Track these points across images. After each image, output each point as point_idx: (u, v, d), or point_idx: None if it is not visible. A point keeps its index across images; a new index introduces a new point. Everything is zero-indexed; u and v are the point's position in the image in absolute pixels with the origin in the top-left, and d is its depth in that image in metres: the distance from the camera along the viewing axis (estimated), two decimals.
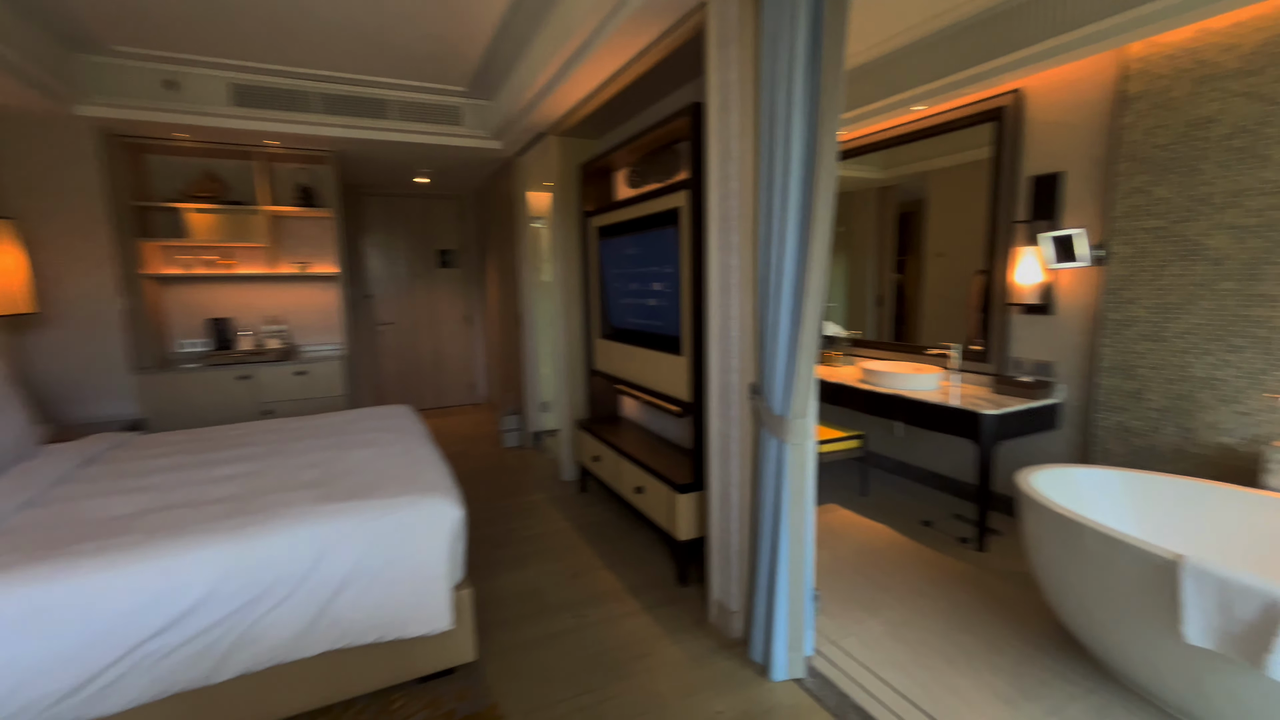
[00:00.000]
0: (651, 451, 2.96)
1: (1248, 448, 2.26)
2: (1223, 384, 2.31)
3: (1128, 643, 1.76)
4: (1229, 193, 2.25)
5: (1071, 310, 2.82)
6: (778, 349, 1.82)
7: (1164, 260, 2.45)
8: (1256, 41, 2.14)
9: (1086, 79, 2.66)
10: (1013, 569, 2.61)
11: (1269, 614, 1.40)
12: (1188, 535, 2.14)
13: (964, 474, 3.40)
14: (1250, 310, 2.22)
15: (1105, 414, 2.69)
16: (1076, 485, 2.28)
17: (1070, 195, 2.77)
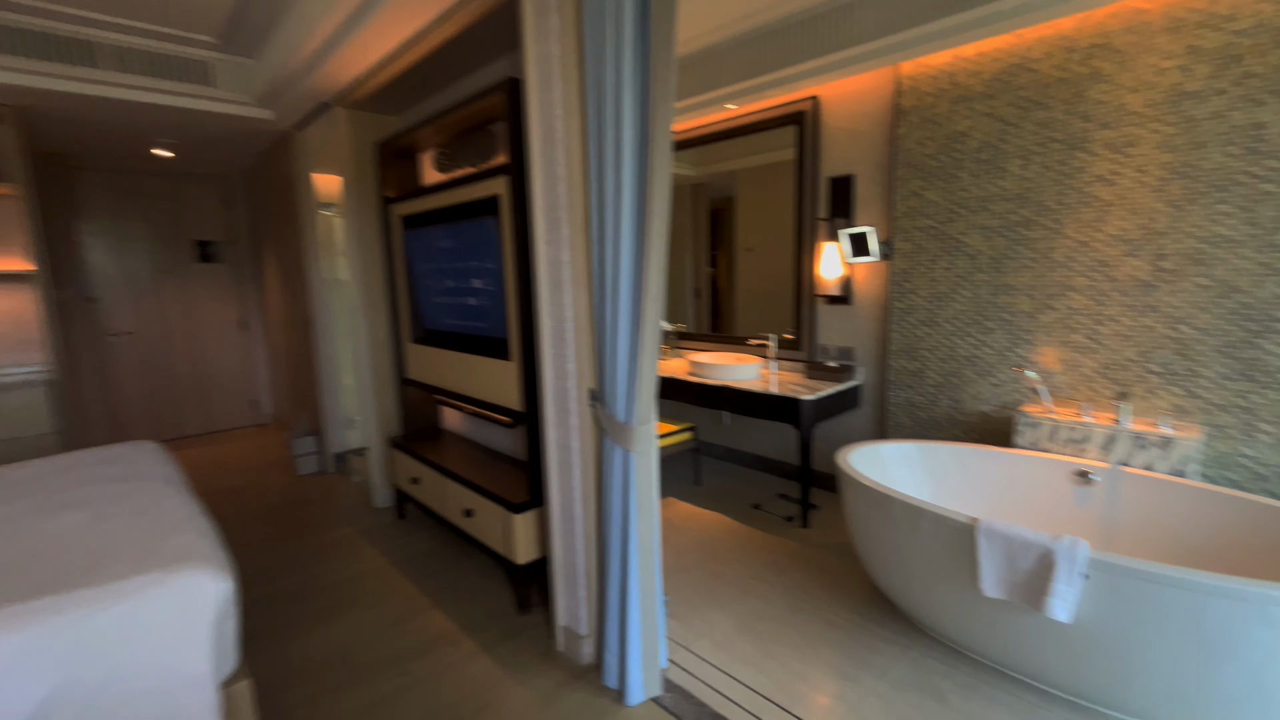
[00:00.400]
0: (481, 468, 2.66)
1: (1001, 413, 2.69)
2: (980, 360, 2.72)
3: (936, 600, 1.96)
4: (979, 198, 2.63)
5: (866, 300, 3.13)
6: (618, 351, 1.68)
7: (935, 255, 2.81)
8: (994, 70, 2.52)
9: (870, 92, 2.95)
10: (833, 541, 2.83)
11: (1044, 562, 1.62)
12: (968, 492, 2.48)
13: (785, 455, 3.64)
14: (998, 298, 2.64)
15: (896, 392, 3.04)
16: (883, 459, 2.51)
17: (861, 196, 3.07)
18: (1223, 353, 2.12)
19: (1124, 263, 2.29)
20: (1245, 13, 1.97)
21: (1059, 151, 2.39)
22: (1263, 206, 2.00)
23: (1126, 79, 2.21)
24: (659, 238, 1.55)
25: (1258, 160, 2.00)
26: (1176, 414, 2.23)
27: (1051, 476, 2.32)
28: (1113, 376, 2.36)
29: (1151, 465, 2.16)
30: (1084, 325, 2.41)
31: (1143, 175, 2.22)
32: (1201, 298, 2.14)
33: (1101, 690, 1.67)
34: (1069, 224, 2.40)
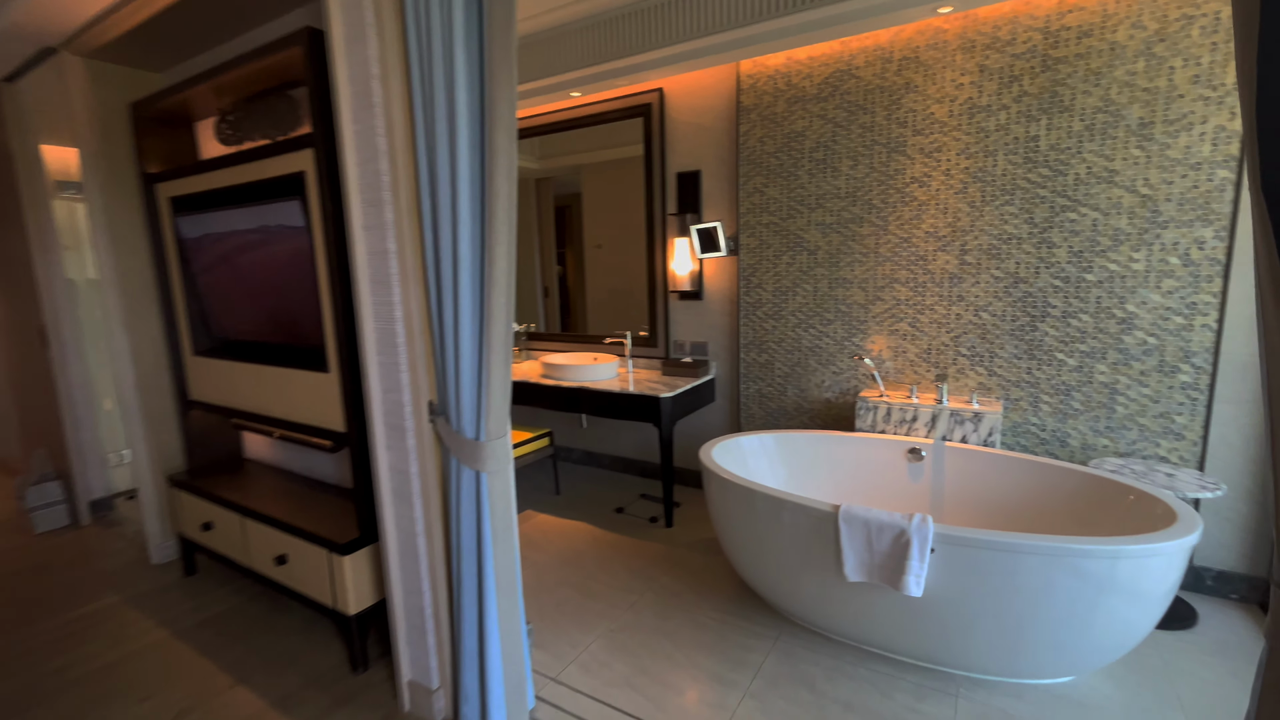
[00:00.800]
0: (297, 504, 2.21)
1: (842, 400, 2.86)
2: (822, 350, 2.87)
3: (801, 589, 1.98)
4: (816, 195, 2.77)
5: (717, 295, 3.16)
6: (462, 357, 1.43)
7: (779, 250, 2.91)
8: (824, 74, 2.65)
9: (713, 88, 2.97)
10: (697, 537, 2.80)
11: (899, 542, 1.69)
12: (821, 477, 2.58)
13: (646, 454, 3.58)
14: (835, 291, 2.79)
15: (748, 384, 3.11)
16: (743, 452, 2.53)
17: (708, 191, 3.09)
18: (1013, 335, 2.43)
19: (937, 257, 2.54)
20: (1021, 39, 2.26)
21: (882, 154, 2.59)
22: (1037, 209, 2.32)
23: (933, 90, 2.44)
24: (506, 222, 1.34)
25: (1033, 168, 2.30)
26: (982, 391, 2.52)
27: (889, 456, 2.50)
28: (932, 360, 2.61)
29: (966, 438, 2.41)
30: (908, 314, 2.64)
31: (949, 178, 2.46)
32: (996, 287, 2.44)
33: (947, 652, 1.79)
34: (893, 221, 2.61)
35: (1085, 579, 1.57)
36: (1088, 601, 1.59)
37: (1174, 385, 2.18)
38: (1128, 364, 2.24)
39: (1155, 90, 2.08)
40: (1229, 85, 1.98)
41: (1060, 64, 2.21)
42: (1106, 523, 1.92)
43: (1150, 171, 2.12)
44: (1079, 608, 1.60)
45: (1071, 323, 2.31)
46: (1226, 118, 2.00)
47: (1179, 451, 2.20)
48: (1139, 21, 2.07)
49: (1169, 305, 2.15)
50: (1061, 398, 2.37)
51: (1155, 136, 2.10)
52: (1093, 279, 2.26)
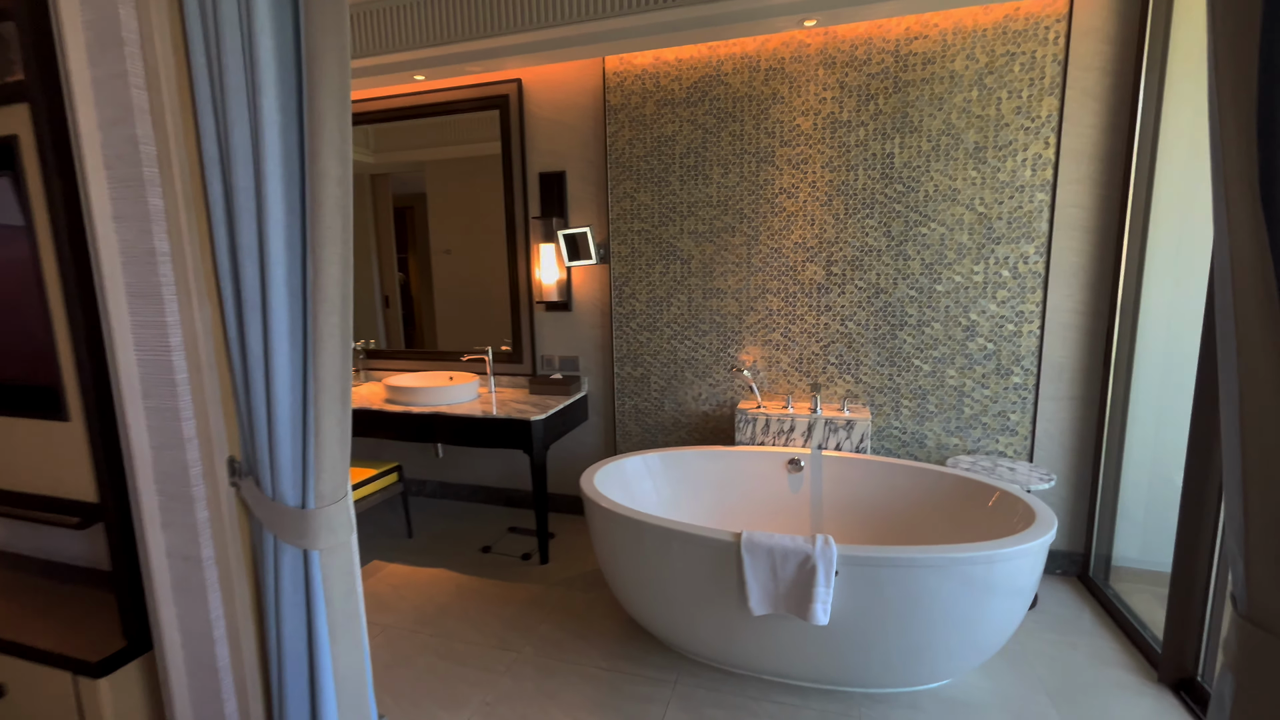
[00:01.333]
0: (23, 603, 1.57)
1: (719, 412, 2.79)
2: (698, 362, 2.79)
3: (699, 624, 1.82)
4: (688, 203, 2.68)
5: (587, 305, 2.94)
6: (276, 396, 1.05)
7: (652, 259, 2.77)
8: (694, 78, 2.57)
9: (577, 83, 2.76)
10: (578, 571, 2.55)
11: (805, 568, 1.60)
12: (706, 495, 2.47)
13: (512, 481, 3.24)
14: (710, 301, 2.72)
15: (623, 400, 2.93)
16: (626, 476, 2.33)
17: (575, 195, 2.86)
18: (875, 344, 2.53)
19: (806, 268, 2.57)
20: (875, 60, 2.36)
21: (751, 163, 2.56)
22: (894, 222, 2.43)
23: (798, 103, 2.46)
24: (337, 212, 0.99)
25: (889, 184, 2.41)
26: (850, 398, 2.59)
27: (769, 468, 2.47)
28: (804, 370, 2.64)
29: (840, 445, 2.45)
30: (780, 324, 2.64)
31: (815, 190, 2.50)
32: (859, 297, 2.52)
33: (848, 671, 1.74)
34: (763, 232, 2.59)
35: (971, 584, 1.60)
36: (973, 604, 1.62)
37: (1008, 386, 2.39)
38: (972, 368, 2.42)
39: (987, 118, 2.27)
40: (1043, 117, 2.22)
41: (909, 86, 2.33)
42: (975, 521, 2.03)
43: (985, 192, 2.31)
44: (966, 611, 1.63)
45: (925, 331, 2.46)
46: (1042, 146, 2.23)
47: (1013, 445, 2.43)
48: (972, 54, 2.25)
49: (1003, 314, 2.36)
50: (919, 401, 2.51)
51: (988, 160, 2.29)
52: (942, 289, 2.41)
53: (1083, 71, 2.16)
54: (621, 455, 2.40)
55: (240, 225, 1.02)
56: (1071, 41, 2.15)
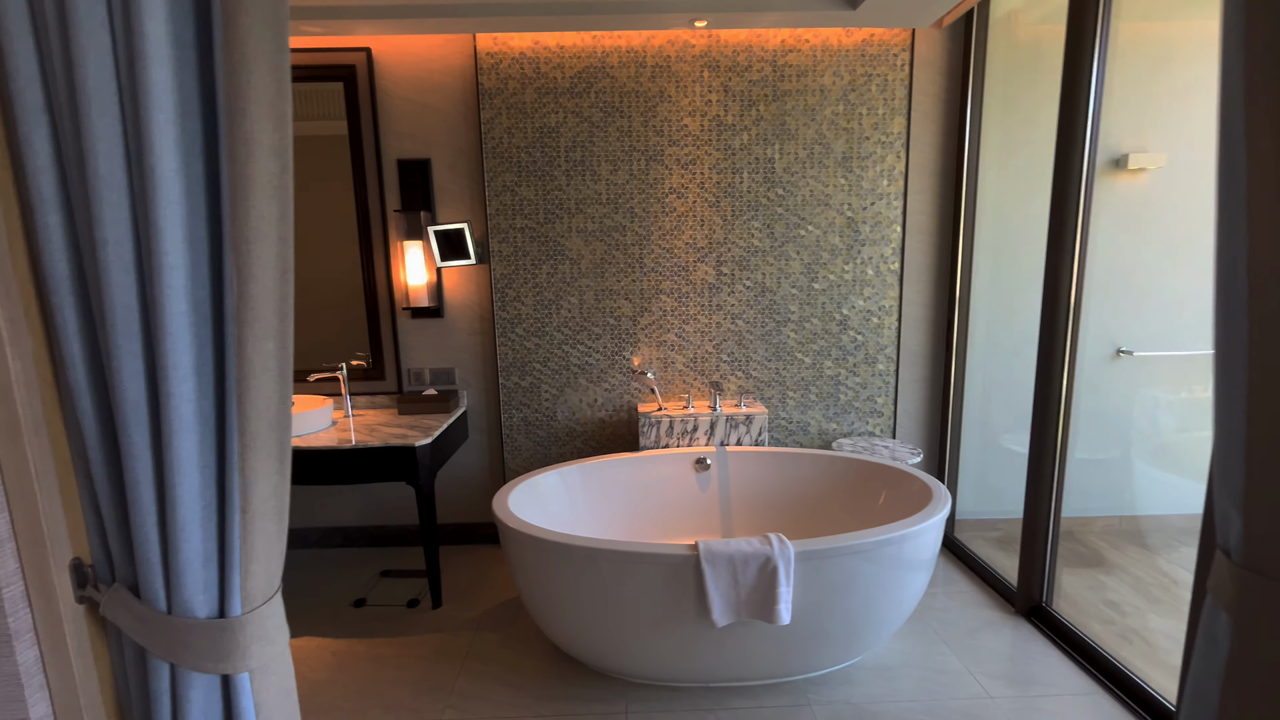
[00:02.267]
0: None
1: (617, 418, 2.70)
2: (592, 367, 2.66)
3: (652, 646, 1.73)
4: (576, 200, 2.53)
5: (464, 311, 2.64)
6: (176, 461, 0.72)
7: (538, 259, 2.57)
8: (578, 67, 2.43)
9: (443, 60, 2.44)
10: (480, 608, 2.27)
11: (766, 571, 1.59)
12: (620, 504, 2.37)
13: (376, 516, 2.79)
14: (603, 303, 2.61)
15: (510, 412, 2.69)
16: (540, 495, 2.13)
17: (444, 186, 2.54)
18: (763, 340, 2.65)
19: (697, 268, 2.59)
20: (755, 68, 2.45)
21: (641, 161, 2.50)
22: (776, 225, 2.56)
23: (685, 103, 2.47)
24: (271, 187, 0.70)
25: (771, 187, 2.53)
26: (742, 394, 2.68)
27: (678, 470, 2.45)
28: (698, 369, 2.66)
29: (741, 440, 2.52)
30: (674, 325, 2.63)
31: (704, 191, 2.53)
32: (747, 296, 2.61)
33: (795, 662, 1.78)
34: (655, 231, 2.56)
35: (897, 561, 1.73)
36: (896, 579, 1.76)
37: (875, 373, 2.68)
38: (845, 359, 2.66)
39: (852, 130, 2.50)
40: (895, 134, 2.50)
41: (786, 96, 2.47)
42: (877, 501, 2.22)
43: (852, 198, 2.54)
44: (891, 586, 1.76)
45: (806, 326, 2.64)
46: (895, 159, 2.52)
47: (880, 425, 2.72)
48: (838, 71, 2.45)
49: (869, 309, 2.63)
50: (802, 392, 2.69)
51: (853, 169, 2.52)
52: (819, 287, 2.61)
53: (923, 96, 2.48)
54: (535, 472, 2.18)
55: (100, 210, 0.67)
56: (915, 70, 2.46)
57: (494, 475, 2.76)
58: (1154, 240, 2.44)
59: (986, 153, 2.47)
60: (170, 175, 0.67)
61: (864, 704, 1.74)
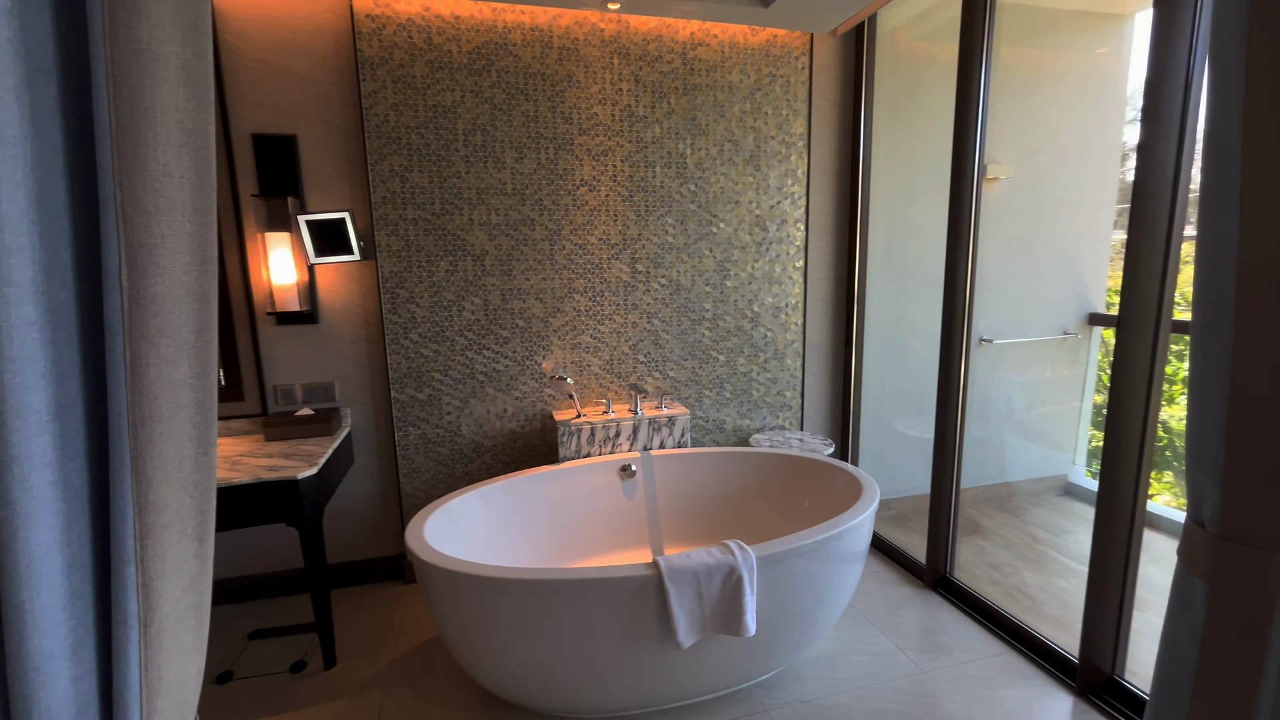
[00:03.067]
0: None
1: (530, 428, 2.48)
2: (501, 374, 2.42)
3: (609, 679, 1.58)
4: (478, 189, 2.28)
5: (344, 314, 2.26)
6: (23, 550, 0.45)
7: (435, 255, 2.28)
8: (476, 42, 2.18)
9: (306, 18, 2.06)
10: (384, 662, 1.95)
11: (730, 582, 1.51)
12: (544, 522, 2.17)
13: (233, 566, 2.31)
14: (511, 304, 2.39)
15: (406, 430, 2.36)
16: (458, 522, 1.88)
17: (314, 169, 2.15)
18: (679, 339, 2.59)
19: (611, 265, 2.46)
20: (666, 59, 2.38)
21: (549, 150, 2.32)
22: (689, 221, 2.52)
23: (595, 90, 2.33)
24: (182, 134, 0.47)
25: (684, 183, 2.48)
26: (661, 394, 2.60)
27: (604, 479, 2.31)
28: (616, 371, 2.54)
29: (664, 443, 2.44)
30: (589, 326, 2.48)
31: (616, 185, 2.41)
32: (663, 294, 2.54)
33: (748, 669, 1.74)
34: (566, 226, 2.38)
35: (843, 556, 1.76)
36: (841, 573, 1.79)
37: (784, 368, 2.74)
38: (756, 355, 2.70)
39: (758, 129, 2.53)
40: (797, 134, 2.57)
41: (697, 91, 2.43)
42: (805, 496, 2.25)
43: (760, 196, 2.58)
44: (837, 580, 1.78)
45: (720, 324, 2.63)
46: (798, 159, 2.59)
47: (789, 418, 2.80)
48: (745, 69, 2.46)
49: (778, 305, 2.68)
50: (717, 390, 2.68)
51: (760, 167, 2.55)
52: (731, 284, 2.61)
53: (822, 100, 2.58)
54: (452, 495, 1.91)
55: None
56: (814, 74, 2.54)
57: (388, 502, 2.41)
58: (1005, 241, 2.76)
59: (877, 157, 2.63)
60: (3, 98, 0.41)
61: (818, 700, 1.74)
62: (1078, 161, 2.95)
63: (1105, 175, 3.05)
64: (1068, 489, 3.23)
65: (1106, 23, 2.84)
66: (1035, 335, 3.01)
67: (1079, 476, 3.26)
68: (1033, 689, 1.77)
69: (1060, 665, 1.83)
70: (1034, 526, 2.89)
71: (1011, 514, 2.99)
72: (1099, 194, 3.07)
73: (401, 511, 2.40)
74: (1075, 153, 2.97)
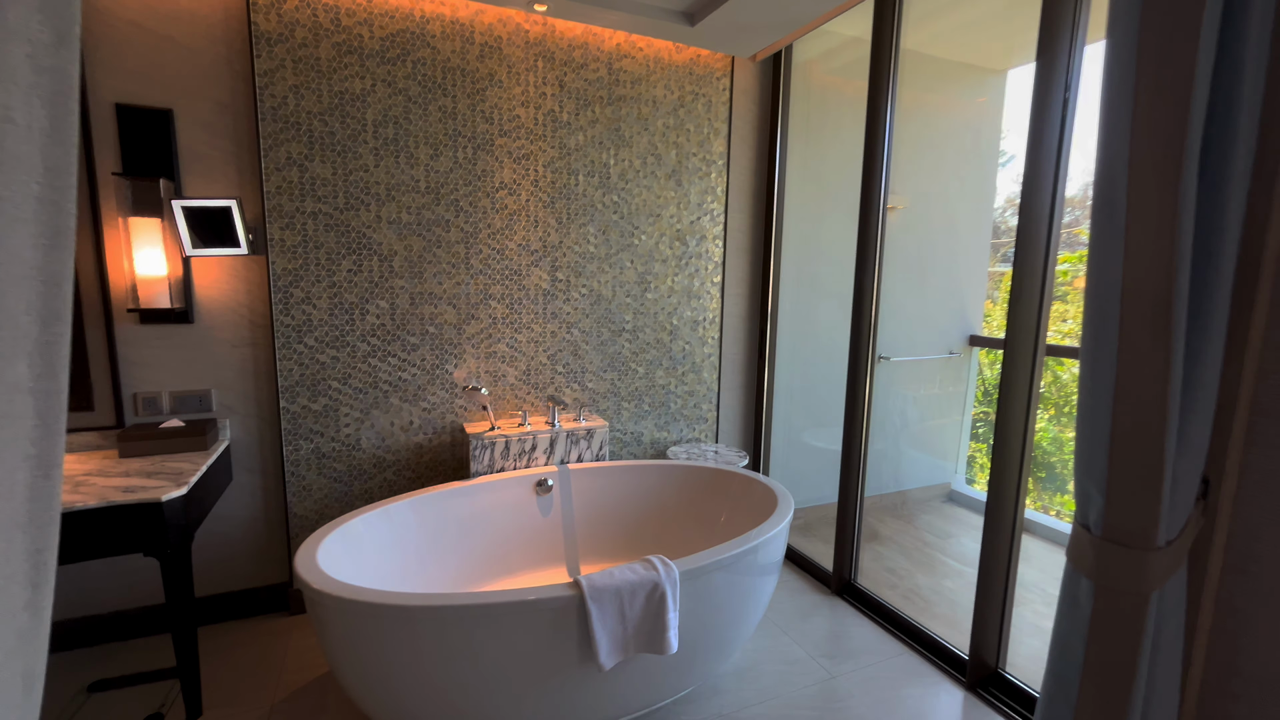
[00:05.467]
0: None
1: (437, 441, 2.33)
2: (408, 384, 2.26)
3: (525, 707, 1.49)
4: (388, 185, 2.13)
5: (227, 314, 2.02)
6: None
7: (337, 253, 2.10)
8: (391, 29, 2.05)
9: None
10: (261, 708, 1.73)
11: (654, 599, 1.48)
12: (454, 542, 2.03)
13: (69, 606, 1.97)
14: (421, 309, 2.24)
15: (296, 444, 2.14)
16: (359, 544, 1.71)
17: (191, 149, 1.91)
18: (599, 350, 2.55)
19: (531, 272, 2.38)
20: (591, 67, 2.36)
21: (467, 149, 2.21)
22: (611, 232, 2.50)
23: (518, 92, 2.26)
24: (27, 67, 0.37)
25: (607, 193, 2.46)
26: (577, 406, 2.54)
27: (519, 494, 2.21)
28: (532, 382, 2.45)
29: (582, 456, 2.38)
30: (505, 334, 2.38)
31: (538, 190, 2.34)
32: (583, 304, 2.50)
33: (666, 687, 1.71)
34: (484, 230, 2.28)
35: (761, 567, 1.78)
36: (759, 584, 1.81)
37: (700, 381, 2.78)
38: (675, 368, 2.71)
39: (681, 145, 2.56)
40: (718, 153, 2.64)
41: (621, 102, 2.42)
42: (722, 507, 2.27)
43: (682, 211, 2.61)
44: (755, 591, 1.81)
45: (640, 336, 2.62)
46: (718, 177, 2.66)
47: (705, 431, 2.84)
48: (669, 85, 2.49)
49: (696, 319, 2.72)
50: (636, 402, 2.66)
51: (682, 183, 2.59)
52: (652, 297, 2.61)
53: (741, 122, 2.66)
54: (351, 515, 1.74)
55: None
56: (734, 96, 2.62)
57: (273, 525, 2.16)
58: (902, 266, 2.98)
59: (791, 179, 2.75)
60: None
61: (736, 712, 1.75)
62: (960, 197, 3.25)
63: (981, 211, 3.39)
64: (951, 496, 3.52)
65: (987, 76, 3.17)
66: (924, 354, 3.27)
67: (960, 484, 3.56)
68: (929, 685, 1.88)
69: (951, 661, 1.96)
70: (924, 532, 3.11)
71: (904, 520, 3.20)
72: (977, 228, 3.40)
73: (289, 535, 2.16)
74: (957, 190, 3.27)
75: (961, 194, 3.28)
